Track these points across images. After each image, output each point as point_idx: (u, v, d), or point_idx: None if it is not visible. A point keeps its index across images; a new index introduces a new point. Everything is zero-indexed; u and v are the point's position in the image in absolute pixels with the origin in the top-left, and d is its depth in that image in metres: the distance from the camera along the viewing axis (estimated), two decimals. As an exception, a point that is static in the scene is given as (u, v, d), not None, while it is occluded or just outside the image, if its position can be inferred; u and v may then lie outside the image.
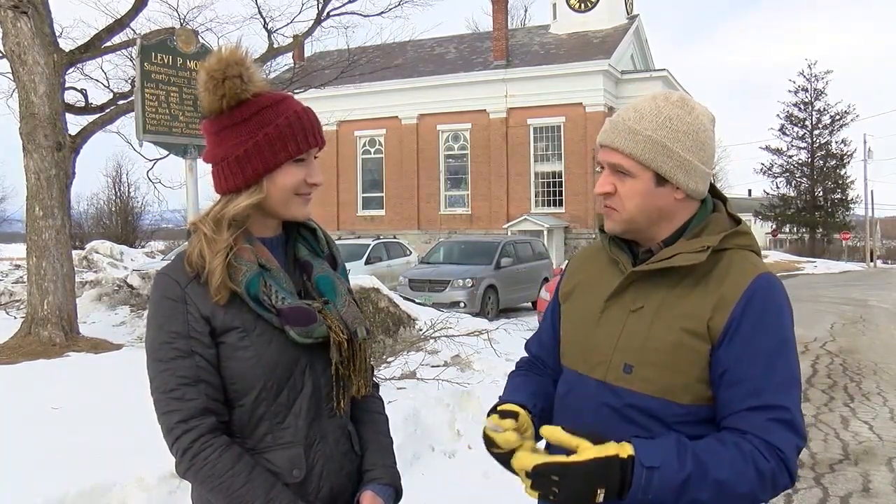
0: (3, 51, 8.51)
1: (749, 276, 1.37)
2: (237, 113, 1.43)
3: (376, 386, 1.70)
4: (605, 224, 1.49)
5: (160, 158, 12.87)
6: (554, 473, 1.27)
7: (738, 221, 1.48)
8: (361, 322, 1.53)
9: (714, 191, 1.52)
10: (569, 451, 1.30)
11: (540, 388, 1.61)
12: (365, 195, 35.68)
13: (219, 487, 1.37)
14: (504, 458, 1.41)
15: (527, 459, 1.32)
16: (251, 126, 1.42)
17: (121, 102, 9.94)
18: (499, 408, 1.49)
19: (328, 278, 1.55)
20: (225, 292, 1.40)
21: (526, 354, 1.76)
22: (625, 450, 1.27)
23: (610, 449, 1.27)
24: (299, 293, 1.50)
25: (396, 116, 33.91)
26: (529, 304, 16.34)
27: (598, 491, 1.25)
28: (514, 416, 1.44)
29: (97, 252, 19.10)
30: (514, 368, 1.74)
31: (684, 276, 1.40)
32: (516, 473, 1.39)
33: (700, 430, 1.36)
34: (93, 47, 9.02)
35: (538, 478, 1.29)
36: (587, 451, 1.27)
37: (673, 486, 1.25)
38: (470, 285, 14.58)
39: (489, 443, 1.43)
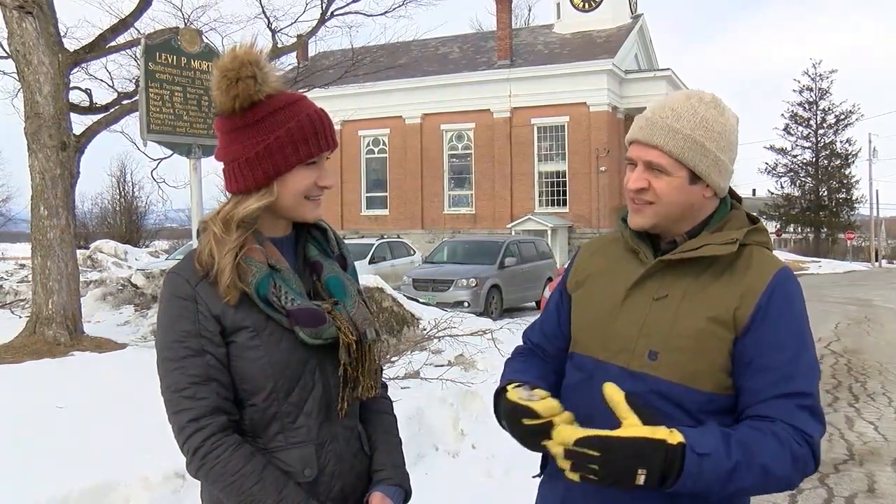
0: (8, 51, 8.54)
1: (772, 268, 1.42)
2: (249, 114, 1.42)
3: (385, 387, 1.70)
4: (633, 219, 1.50)
5: (164, 158, 12.86)
6: (595, 448, 1.24)
7: (754, 220, 1.53)
8: (371, 323, 1.53)
9: (730, 191, 1.55)
10: (612, 428, 1.27)
11: (542, 371, 1.61)
12: (369, 195, 35.71)
13: (231, 486, 1.36)
14: (535, 430, 1.34)
15: (568, 432, 1.28)
16: (263, 128, 1.41)
17: (125, 102, 9.95)
18: (513, 386, 1.44)
19: (338, 279, 1.54)
20: (235, 292, 1.39)
21: (523, 342, 1.75)
22: (675, 436, 1.24)
23: (660, 432, 1.24)
24: (309, 293, 1.49)
25: (400, 116, 33.93)
26: (533, 304, 16.34)
27: (639, 472, 1.22)
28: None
29: (101, 251, 19.19)
30: (510, 356, 1.73)
31: (708, 266, 1.43)
32: (543, 451, 1.36)
33: (720, 420, 1.38)
34: (97, 47, 9.03)
35: (577, 455, 1.25)
36: (635, 428, 1.25)
37: (722, 474, 1.25)
38: (473, 285, 14.58)
39: (519, 413, 1.36)
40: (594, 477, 1.24)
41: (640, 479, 1.23)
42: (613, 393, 1.31)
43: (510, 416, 1.39)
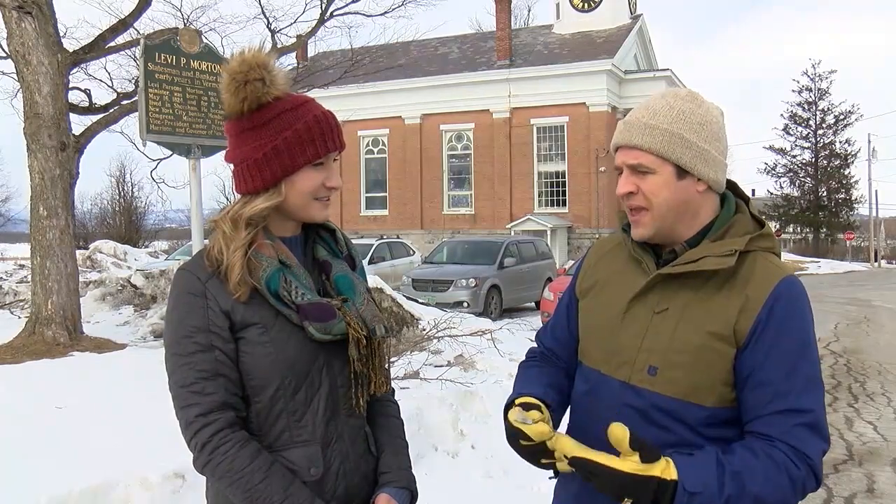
0: (7, 51, 8.53)
1: (773, 279, 1.38)
2: (257, 116, 1.44)
3: (392, 390, 1.70)
4: (635, 232, 1.48)
5: (164, 158, 12.87)
6: (589, 469, 1.30)
7: (761, 223, 1.48)
8: (380, 320, 1.54)
9: (736, 190, 1.53)
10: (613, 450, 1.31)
11: (554, 379, 1.61)
12: (368, 195, 35.70)
13: (237, 482, 1.37)
14: (531, 450, 1.40)
15: (568, 445, 1.33)
16: (270, 130, 1.43)
17: (124, 102, 9.95)
18: (517, 401, 1.47)
19: (347, 277, 1.55)
20: (245, 288, 1.41)
21: (536, 345, 1.75)
22: (669, 472, 1.26)
23: (653, 469, 1.26)
24: (318, 292, 1.50)
25: (400, 116, 33.92)
26: (533, 304, 16.33)
27: (626, 500, 1.27)
28: (537, 408, 1.43)
29: (101, 252, 19.14)
30: (525, 359, 1.73)
31: (709, 278, 1.40)
32: (541, 466, 1.41)
33: (722, 432, 1.38)
34: (97, 47, 9.03)
35: (576, 465, 1.32)
36: (627, 463, 1.27)
37: None
38: (473, 285, 14.58)
39: (517, 435, 1.40)
40: (590, 482, 1.31)
41: None
42: (618, 433, 1.29)
43: (509, 437, 1.44)
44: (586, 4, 34.12)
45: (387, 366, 1.59)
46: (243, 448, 1.38)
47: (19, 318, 9.56)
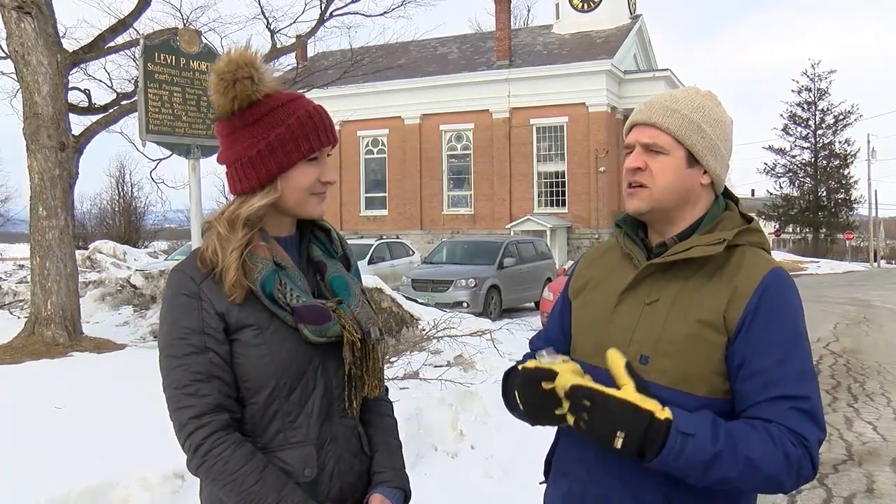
0: (6, 51, 8.53)
1: (762, 270, 1.40)
2: (248, 114, 1.43)
3: (386, 389, 1.71)
4: (630, 204, 1.51)
5: (163, 158, 12.87)
6: (587, 398, 1.28)
7: (749, 220, 1.52)
8: (375, 322, 1.54)
9: (726, 191, 1.57)
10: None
11: None
12: (368, 195, 35.68)
13: (231, 485, 1.36)
14: (546, 400, 1.36)
15: (566, 378, 1.33)
16: (263, 127, 1.43)
17: (124, 102, 9.94)
18: (531, 365, 1.43)
19: (342, 278, 1.55)
20: (240, 290, 1.40)
21: (529, 350, 1.76)
22: (664, 412, 1.27)
23: (649, 404, 1.27)
24: (313, 293, 1.50)
25: (399, 116, 33.91)
26: (532, 305, 16.32)
27: (618, 434, 1.25)
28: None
29: (100, 252, 19.14)
30: (518, 362, 1.74)
31: (698, 269, 1.43)
32: (553, 422, 1.38)
33: None
34: (96, 48, 9.02)
35: (573, 399, 1.30)
36: (628, 393, 1.28)
37: (704, 458, 1.26)
38: (473, 285, 14.58)
39: (540, 376, 1.36)
40: (583, 425, 1.29)
41: (618, 443, 1.25)
42: (615, 358, 1.34)
43: (528, 381, 1.40)
44: (586, 5, 34.12)
45: (381, 367, 1.58)
46: (237, 450, 1.37)
47: (19, 318, 9.55)
